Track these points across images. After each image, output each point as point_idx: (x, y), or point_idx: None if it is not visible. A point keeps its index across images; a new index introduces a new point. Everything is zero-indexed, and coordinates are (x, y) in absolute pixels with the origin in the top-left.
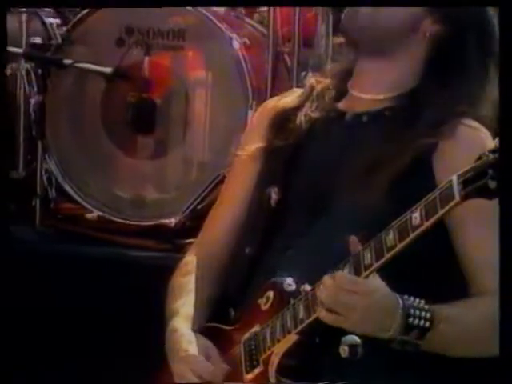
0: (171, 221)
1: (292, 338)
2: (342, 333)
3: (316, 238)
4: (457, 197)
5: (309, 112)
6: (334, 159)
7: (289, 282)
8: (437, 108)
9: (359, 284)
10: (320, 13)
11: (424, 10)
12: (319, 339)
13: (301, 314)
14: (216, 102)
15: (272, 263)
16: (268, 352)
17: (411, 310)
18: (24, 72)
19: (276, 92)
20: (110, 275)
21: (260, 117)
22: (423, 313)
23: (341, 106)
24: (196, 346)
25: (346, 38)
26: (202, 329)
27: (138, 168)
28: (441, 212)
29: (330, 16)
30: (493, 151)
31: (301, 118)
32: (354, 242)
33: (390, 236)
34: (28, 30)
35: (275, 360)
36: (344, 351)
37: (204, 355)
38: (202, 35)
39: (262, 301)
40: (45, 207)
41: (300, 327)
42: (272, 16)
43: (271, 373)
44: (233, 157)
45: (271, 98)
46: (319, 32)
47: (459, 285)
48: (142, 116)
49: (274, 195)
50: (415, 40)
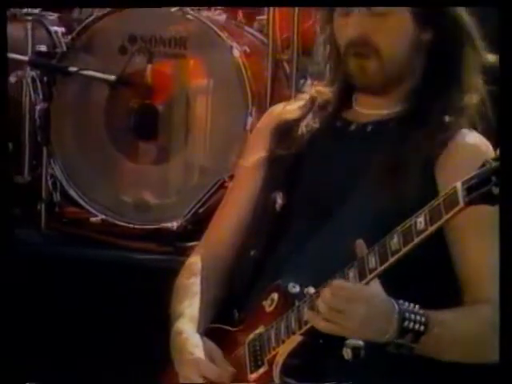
0: (173, 224)
1: (296, 339)
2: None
3: (320, 242)
4: (461, 203)
5: (311, 123)
6: (338, 167)
7: (293, 285)
8: (437, 119)
9: (355, 291)
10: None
11: (418, 24)
12: (323, 340)
13: (305, 316)
14: (217, 109)
15: (277, 266)
16: (273, 352)
17: (406, 314)
18: (29, 79)
19: (275, 99)
20: (114, 277)
21: (264, 124)
22: (418, 317)
23: (345, 116)
24: (201, 349)
25: (354, 83)
26: (207, 330)
27: (141, 173)
28: (445, 217)
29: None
30: (495, 159)
31: (303, 128)
32: (361, 245)
33: (395, 240)
34: (33, 38)
35: (280, 360)
36: (347, 353)
37: (209, 358)
38: (203, 43)
39: (267, 303)
40: (50, 211)
41: (304, 328)
42: (271, 24)
43: (276, 373)
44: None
45: (276, 105)
46: (318, 40)
47: (457, 291)
48: (145, 122)
49: (279, 200)
50: (417, 59)
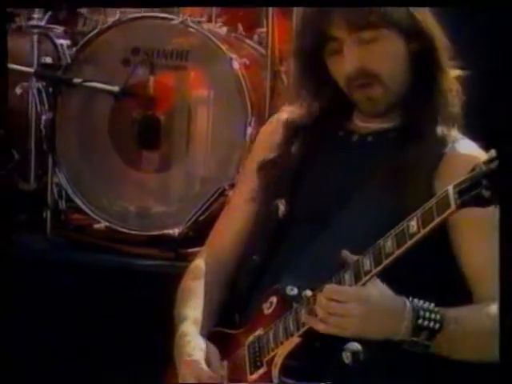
0: (175, 231)
1: (294, 341)
2: (342, 336)
3: (319, 247)
4: (452, 205)
5: (314, 131)
6: (339, 175)
7: (291, 287)
8: (430, 129)
9: (348, 293)
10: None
11: (405, 38)
12: (320, 343)
13: (302, 318)
14: (217, 119)
15: (277, 270)
16: (272, 354)
17: (420, 312)
18: (35, 90)
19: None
20: (117, 282)
21: (268, 132)
22: (433, 314)
23: (347, 126)
24: (200, 351)
25: (361, 111)
26: (209, 333)
27: (144, 181)
28: (437, 220)
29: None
30: (486, 162)
31: (307, 136)
32: (345, 254)
33: (389, 243)
34: (39, 51)
35: (278, 361)
36: (347, 357)
37: (206, 360)
38: (204, 56)
39: (266, 306)
40: (55, 218)
41: (302, 330)
42: (270, 37)
43: (274, 373)
44: (238, 169)
45: (280, 113)
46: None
47: (462, 293)
48: (147, 132)
49: (282, 207)
50: (409, 71)
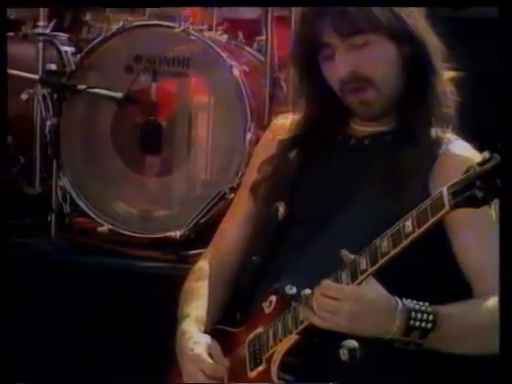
0: (176, 233)
1: (293, 338)
2: (340, 333)
3: (318, 248)
4: (447, 206)
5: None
6: (338, 178)
7: (290, 287)
8: (424, 131)
9: (343, 291)
10: None
11: (397, 41)
12: (318, 339)
13: (301, 316)
14: (217, 124)
15: (277, 271)
16: (271, 351)
17: (412, 313)
18: (40, 97)
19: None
20: (120, 283)
21: (269, 137)
22: (425, 315)
23: (344, 130)
24: (201, 346)
25: (356, 114)
26: (211, 330)
27: (146, 185)
28: (431, 220)
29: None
30: (480, 164)
31: (306, 140)
32: (345, 253)
33: (384, 243)
34: (44, 58)
35: (277, 358)
36: (344, 354)
37: (208, 353)
38: (205, 63)
39: (266, 304)
40: (60, 221)
41: (300, 328)
42: (270, 45)
43: (273, 370)
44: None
45: (280, 118)
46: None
47: (457, 292)
48: (150, 137)
49: (281, 210)
50: (402, 74)
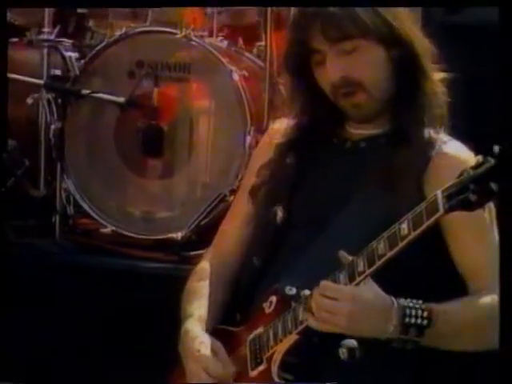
0: (178, 235)
1: (293, 338)
2: (339, 333)
3: (317, 250)
4: (441, 210)
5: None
6: (335, 180)
7: (290, 287)
8: (417, 132)
9: (341, 291)
10: None
11: (386, 45)
12: (318, 339)
13: (300, 316)
14: (218, 128)
15: (277, 272)
16: (271, 351)
17: (406, 310)
18: (45, 101)
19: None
20: (123, 284)
21: (267, 141)
22: (419, 311)
23: (340, 133)
24: (207, 346)
25: (349, 118)
26: (212, 330)
27: (148, 187)
28: (426, 223)
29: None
30: (473, 167)
31: (303, 144)
32: (343, 255)
33: (381, 245)
34: (49, 63)
35: (278, 358)
36: (343, 354)
37: (213, 355)
38: (206, 68)
39: (266, 305)
40: (64, 222)
41: (300, 328)
42: (269, 50)
43: (274, 369)
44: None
45: (277, 122)
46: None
47: (453, 292)
48: (152, 141)
49: (280, 213)
50: (392, 77)
